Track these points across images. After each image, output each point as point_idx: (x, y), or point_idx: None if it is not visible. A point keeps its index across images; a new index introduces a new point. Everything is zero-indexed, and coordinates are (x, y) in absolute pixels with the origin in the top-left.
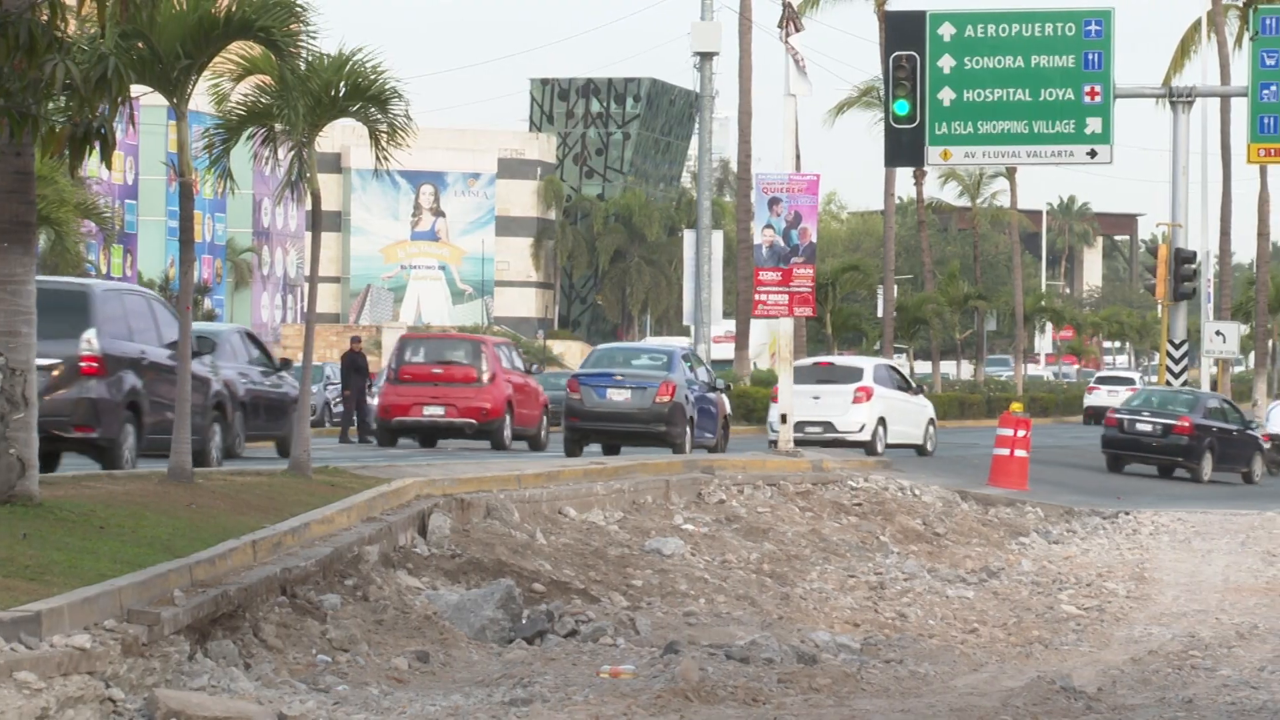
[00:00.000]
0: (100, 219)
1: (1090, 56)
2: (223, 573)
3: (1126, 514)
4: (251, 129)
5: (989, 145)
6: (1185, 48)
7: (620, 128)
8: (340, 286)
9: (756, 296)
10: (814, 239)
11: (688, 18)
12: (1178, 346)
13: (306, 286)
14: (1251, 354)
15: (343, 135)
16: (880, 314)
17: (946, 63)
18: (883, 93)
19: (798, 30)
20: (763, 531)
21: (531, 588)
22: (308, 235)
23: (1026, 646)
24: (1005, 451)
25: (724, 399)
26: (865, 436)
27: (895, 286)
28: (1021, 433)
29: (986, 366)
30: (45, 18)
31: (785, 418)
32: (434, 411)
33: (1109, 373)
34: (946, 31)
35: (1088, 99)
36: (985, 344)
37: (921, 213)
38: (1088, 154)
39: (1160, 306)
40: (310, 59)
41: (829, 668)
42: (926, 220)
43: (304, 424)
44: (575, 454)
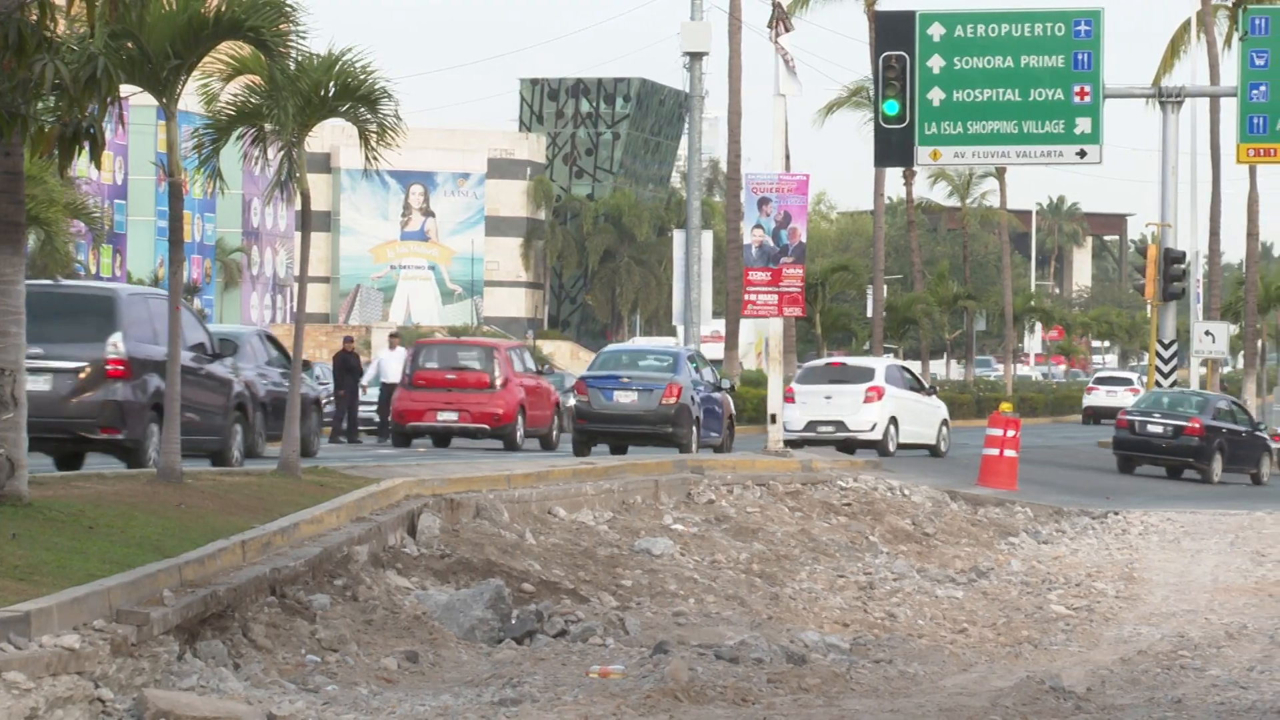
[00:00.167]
0: (89, 219)
1: (1080, 56)
2: (212, 573)
3: (1116, 514)
4: (241, 129)
5: (978, 145)
6: (1175, 48)
7: (610, 128)
8: (330, 286)
9: (746, 296)
10: (803, 239)
11: (677, 18)
12: (1167, 347)
13: (296, 286)
14: (1241, 354)
15: (332, 135)
16: (870, 314)
17: (936, 63)
18: (872, 93)
19: (787, 30)
20: (752, 531)
21: (521, 588)
22: (297, 235)
23: (1016, 646)
24: (995, 451)
25: (729, 399)
26: (876, 436)
27: (885, 286)
28: (1011, 433)
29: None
30: (34, 17)
31: (775, 417)
32: (448, 417)
33: (1108, 373)
34: (936, 32)
35: (1077, 99)
36: (975, 344)
37: (911, 213)
38: (1077, 154)
39: (1150, 307)
40: (300, 59)
41: (818, 668)
42: (916, 220)
43: (293, 424)
44: (584, 454)
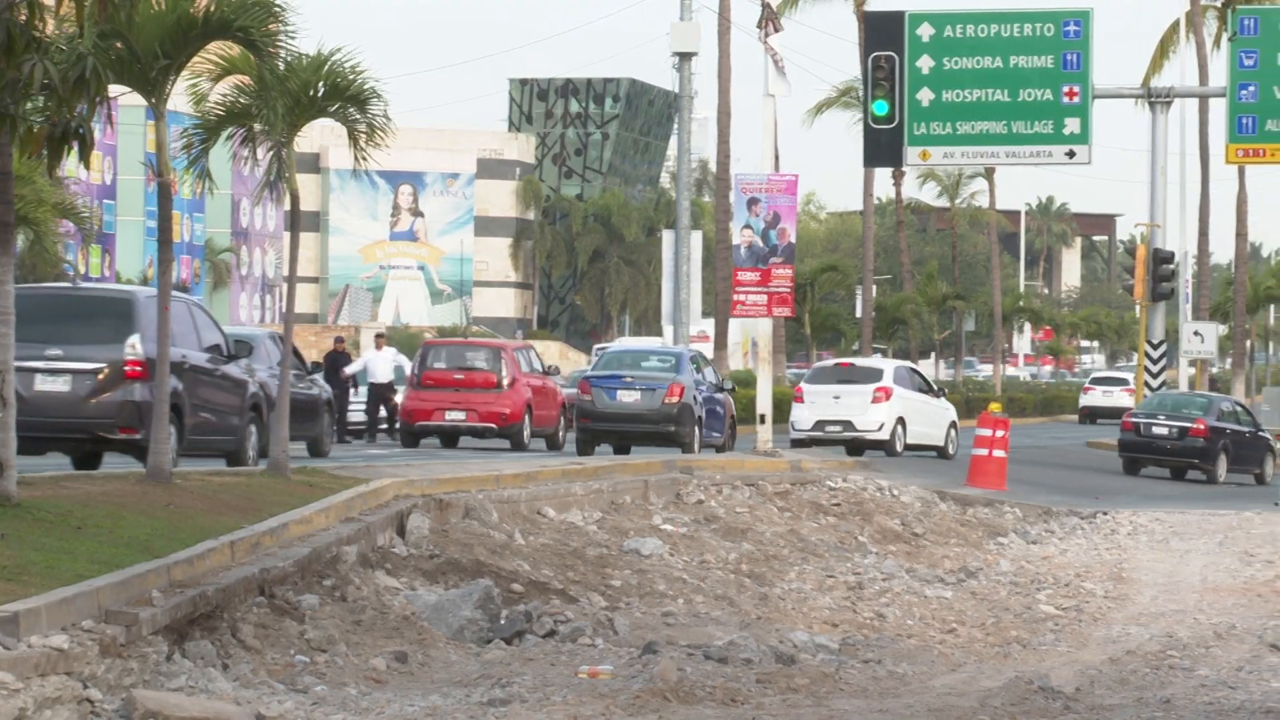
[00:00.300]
0: (78, 219)
1: (1069, 57)
2: (201, 573)
3: (1104, 514)
4: (230, 129)
5: (968, 146)
6: (1164, 48)
7: (599, 128)
8: (319, 286)
9: (735, 297)
10: (793, 239)
11: (667, 18)
12: (1156, 347)
13: (285, 286)
14: (1229, 354)
15: (321, 135)
16: (859, 314)
17: (925, 63)
18: (862, 93)
19: (777, 30)
20: (741, 532)
21: (510, 588)
22: (286, 235)
23: (1004, 646)
24: (983, 451)
25: (730, 400)
26: (884, 436)
27: (874, 287)
28: (1000, 433)
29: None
30: (23, 17)
31: (764, 418)
32: (456, 416)
33: (1104, 373)
34: (925, 32)
35: (1066, 99)
36: (964, 344)
37: (900, 213)
38: (1066, 154)
39: (1138, 307)
40: (289, 59)
41: (807, 668)
42: (905, 220)
43: (282, 425)
44: (587, 453)
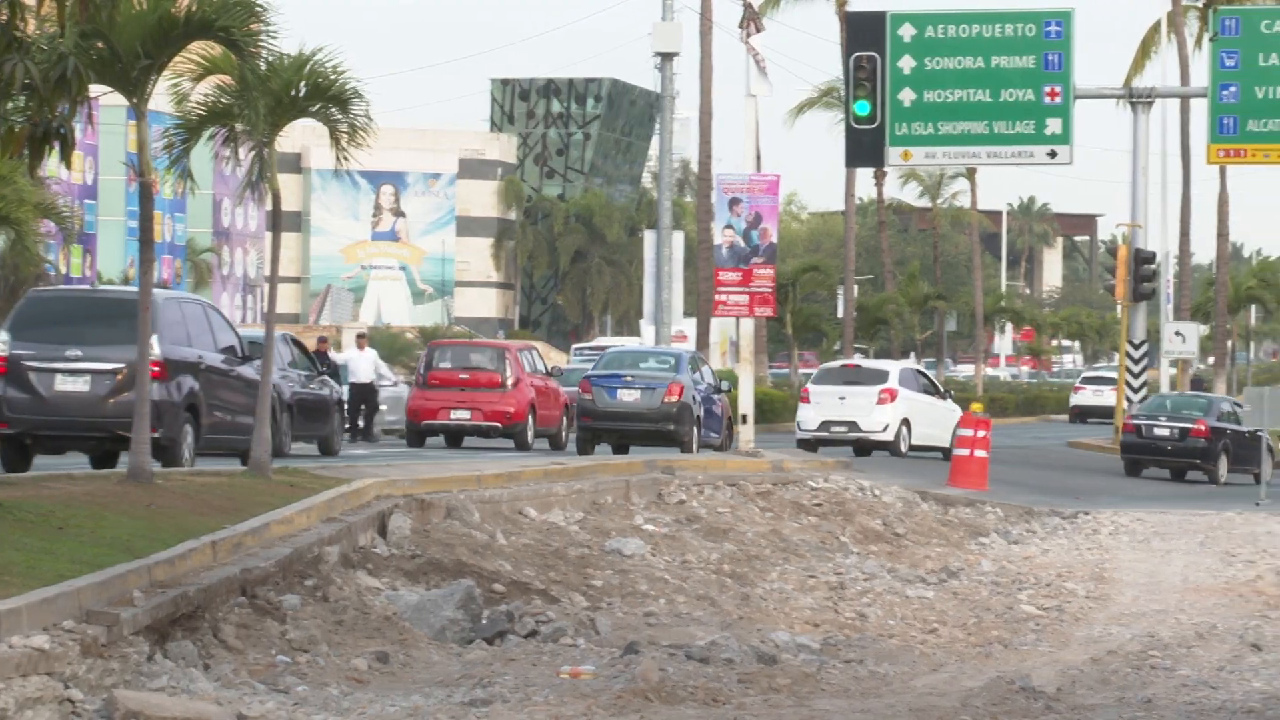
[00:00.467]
0: (60, 219)
1: (1050, 57)
2: (182, 573)
3: (1086, 514)
4: (212, 129)
5: (949, 146)
6: (1145, 48)
7: (581, 128)
8: (300, 286)
9: (717, 297)
10: (774, 239)
11: (648, 18)
12: (1137, 347)
13: (266, 286)
14: (1211, 354)
15: (303, 135)
16: (841, 314)
17: (907, 63)
18: (843, 93)
19: (758, 31)
20: (723, 532)
21: (492, 588)
22: (268, 235)
23: (986, 646)
24: (965, 452)
25: (727, 400)
26: (888, 437)
27: (856, 287)
28: (981, 433)
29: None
30: (4, 17)
31: (745, 418)
32: (461, 415)
33: (1095, 373)
34: (907, 32)
35: (1048, 100)
36: (945, 344)
37: (882, 213)
38: (1048, 155)
39: (1120, 307)
40: (271, 59)
41: (789, 668)
42: (887, 221)
43: (263, 425)
44: (588, 452)
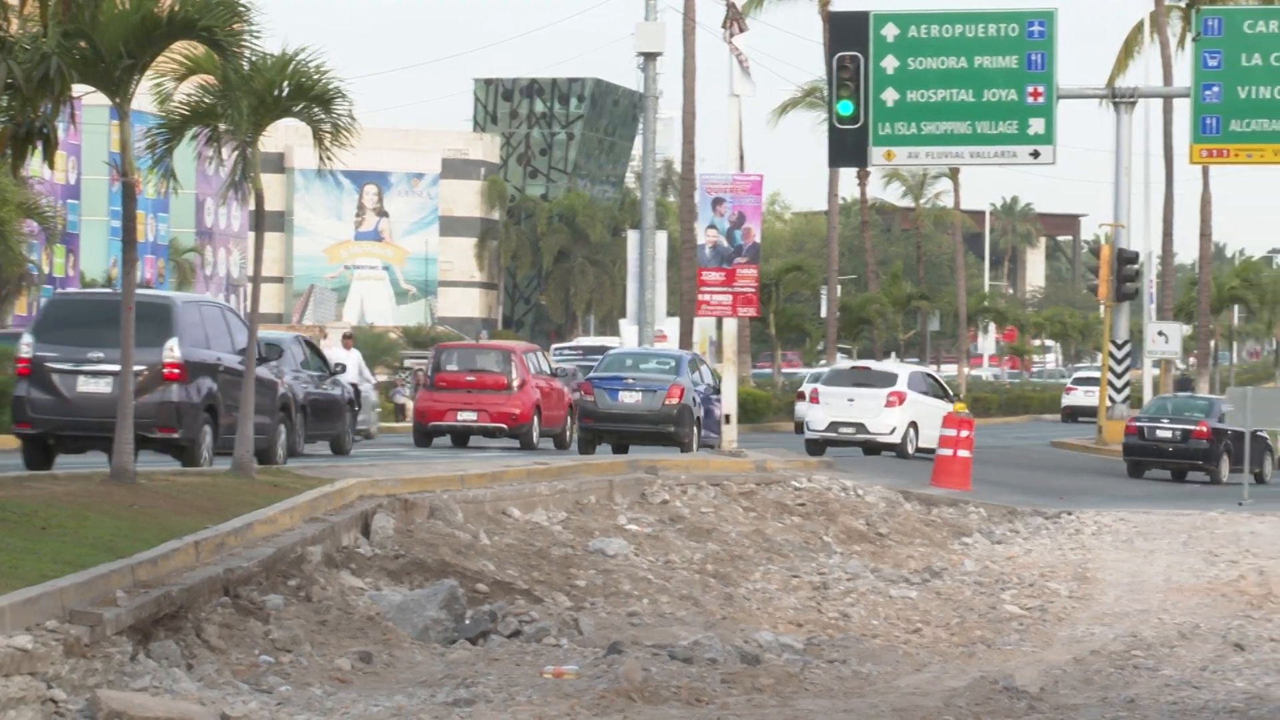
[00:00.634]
0: (42, 219)
1: (1033, 57)
2: (165, 573)
3: (1069, 514)
4: (195, 129)
5: (932, 146)
6: (1128, 48)
7: (564, 128)
8: (283, 286)
9: (700, 296)
10: (757, 239)
11: (632, 18)
12: (1120, 347)
13: (249, 286)
14: (1193, 354)
15: (286, 135)
16: (824, 314)
17: (890, 63)
18: (826, 93)
19: (742, 31)
20: (706, 532)
21: (475, 588)
22: (251, 235)
23: (969, 646)
24: (948, 452)
25: None
26: (896, 439)
27: (839, 287)
28: (964, 433)
29: None
30: None
31: (729, 418)
32: (467, 417)
33: (1087, 373)
34: (890, 32)
35: (1031, 100)
36: (929, 344)
37: (865, 213)
38: (1031, 155)
39: (1103, 307)
40: (254, 59)
41: (772, 668)
42: (870, 221)
43: (246, 424)
44: (589, 452)
